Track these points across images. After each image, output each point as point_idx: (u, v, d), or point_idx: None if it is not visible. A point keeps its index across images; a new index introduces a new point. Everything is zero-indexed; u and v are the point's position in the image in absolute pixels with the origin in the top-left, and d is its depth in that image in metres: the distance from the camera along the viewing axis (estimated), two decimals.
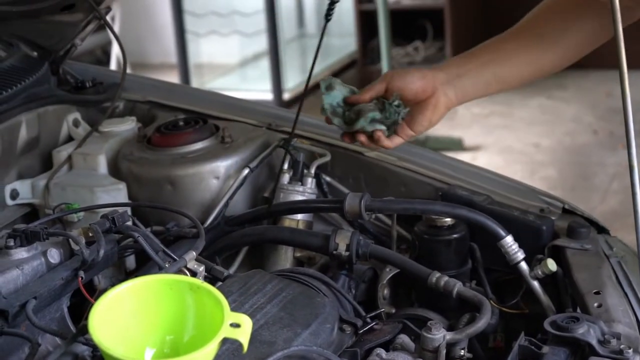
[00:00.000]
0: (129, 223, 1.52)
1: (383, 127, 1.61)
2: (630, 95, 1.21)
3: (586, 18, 1.64)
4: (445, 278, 1.50)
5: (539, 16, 1.70)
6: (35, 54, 2.01)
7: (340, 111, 1.65)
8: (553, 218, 1.64)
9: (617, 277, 1.48)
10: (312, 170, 1.82)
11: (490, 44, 1.69)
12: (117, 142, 1.91)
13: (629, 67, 1.22)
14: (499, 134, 5.89)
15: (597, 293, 1.42)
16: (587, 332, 1.27)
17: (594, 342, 1.26)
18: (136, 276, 1.33)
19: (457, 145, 5.61)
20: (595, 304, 1.39)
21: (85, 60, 2.38)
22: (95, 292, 1.60)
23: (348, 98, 1.65)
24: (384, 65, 5.93)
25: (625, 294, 1.43)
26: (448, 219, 1.62)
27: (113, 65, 6.92)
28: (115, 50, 7.06)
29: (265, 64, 6.72)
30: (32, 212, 1.84)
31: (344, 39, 7.49)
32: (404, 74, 1.63)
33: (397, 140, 1.64)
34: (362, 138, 1.63)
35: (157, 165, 1.80)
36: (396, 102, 1.61)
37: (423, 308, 1.58)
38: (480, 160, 5.38)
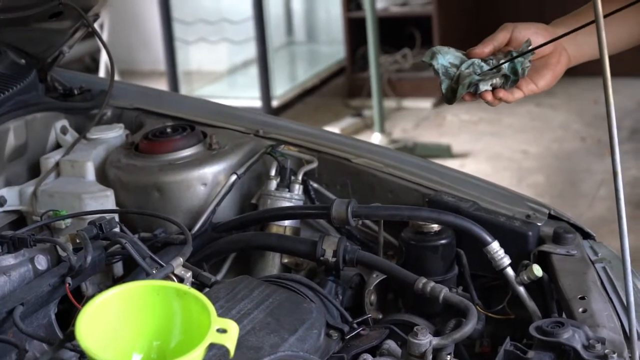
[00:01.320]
0: (117, 230, 1.53)
1: (488, 86, 1.51)
2: (615, 102, 1.22)
3: None
4: (432, 284, 1.50)
5: None
6: (23, 61, 2.01)
7: (453, 72, 1.54)
8: (539, 224, 1.65)
9: (602, 283, 1.49)
10: (300, 177, 1.82)
11: (579, 12, 1.63)
12: (104, 149, 1.91)
13: (613, 75, 1.23)
14: (487, 140, 5.91)
15: (582, 298, 1.42)
16: (572, 337, 1.28)
17: (578, 347, 1.27)
18: (123, 282, 1.33)
19: (446, 152, 5.62)
20: (580, 309, 1.39)
21: (73, 67, 2.39)
22: (83, 299, 1.60)
23: (469, 51, 1.55)
24: (373, 72, 5.94)
25: (610, 299, 1.44)
26: (435, 225, 1.63)
27: (102, 73, 6.91)
28: (104, 57, 7.05)
29: (253, 72, 6.73)
30: (19, 219, 1.84)
31: (332, 46, 7.51)
32: (527, 25, 1.56)
33: (517, 94, 1.54)
34: (468, 97, 1.53)
35: (144, 172, 1.80)
36: (526, 49, 1.51)
37: (410, 314, 1.59)
38: (468, 167, 5.39)
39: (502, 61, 1.52)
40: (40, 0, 1.84)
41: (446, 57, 1.54)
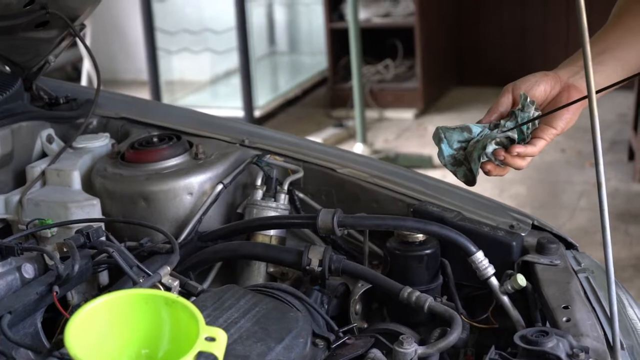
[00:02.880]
0: (103, 238, 1.53)
1: (494, 145, 1.48)
2: (598, 114, 1.23)
3: None
4: (417, 293, 1.51)
5: (627, 7, 1.63)
6: (8, 70, 2.01)
7: (461, 155, 1.54)
8: (522, 234, 1.66)
9: (585, 292, 1.50)
10: (285, 187, 1.83)
11: (598, 36, 1.61)
12: (90, 158, 1.92)
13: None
14: None
15: (566, 308, 1.44)
16: (556, 345, 1.29)
17: (562, 356, 1.28)
18: (110, 291, 1.33)
19: (427, 162, 5.65)
20: (564, 319, 1.41)
21: (55, 76, 2.38)
22: (69, 308, 1.60)
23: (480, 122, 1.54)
24: (355, 82, 5.96)
25: (593, 308, 1.45)
26: (419, 235, 1.64)
27: (84, 82, 6.91)
28: (86, 66, 7.04)
29: (236, 81, 6.74)
30: (5, 228, 1.83)
31: (315, 56, 7.54)
32: (525, 80, 1.55)
33: (540, 143, 1.52)
34: (489, 167, 1.51)
35: (130, 181, 1.81)
36: (526, 103, 1.50)
37: (395, 323, 1.60)
38: (450, 177, 5.40)
39: (507, 127, 1.51)
40: (26, 9, 1.84)
41: (452, 141, 1.53)
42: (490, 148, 1.49)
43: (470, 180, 1.54)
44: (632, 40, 1.57)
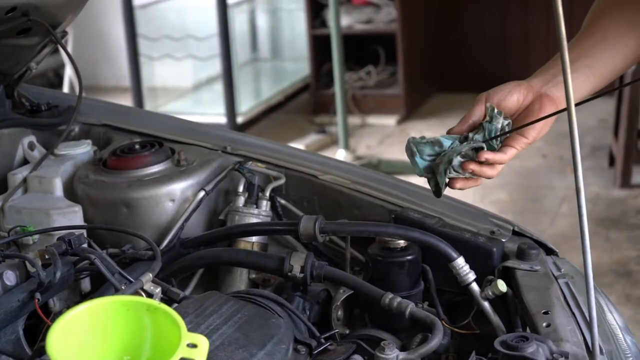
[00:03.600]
0: (85, 245, 1.53)
1: (460, 158, 1.48)
2: (577, 119, 1.24)
3: None
4: (398, 299, 1.52)
5: (601, 14, 1.63)
6: None
7: (434, 166, 1.53)
8: (503, 240, 1.67)
9: (565, 298, 1.51)
10: (267, 193, 1.83)
11: (572, 43, 1.60)
12: (72, 165, 1.92)
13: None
14: None
15: (546, 313, 1.45)
16: (536, 351, 1.30)
17: None
18: (92, 298, 1.34)
19: (410, 169, 5.65)
20: (544, 324, 1.42)
21: (37, 82, 2.38)
22: (50, 315, 1.60)
23: (449, 131, 1.54)
24: (337, 89, 5.97)
25: (573, 313, 1.46)
26: (401, 241, 1.65)
27: (66, 88, 6.89)
28: (68, 73, 7.03)
29: (218, 88, 6.74)
30: None
31: (297, 63, 7.54)
32: (498, 90, 1.54)
33: (510, 152, 1.50)
34: (459, 184, 1.51)
35: (113, 188, 1.81)
36: (493, 114, 1.50)
37: (376, 329, 1.60)
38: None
39: (475, 140, 1.51)
40: (8, 16, 1.84)
41: (424, 155, 1.53)
42: (456, 161, 1.48)
43: (436, 192, 1.52)
44: (605, 48, 1.58)
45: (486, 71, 6.94)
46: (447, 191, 1.67)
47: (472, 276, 1.58)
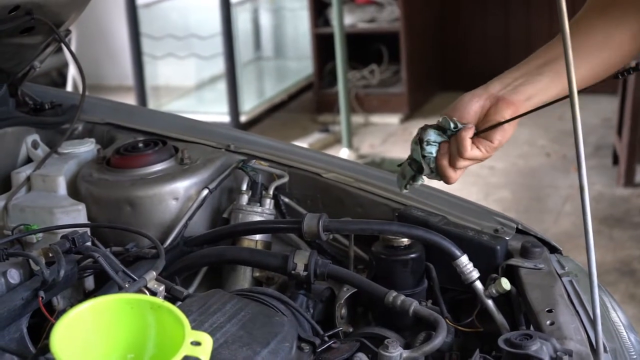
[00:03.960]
0: (89, 244, 1.53)
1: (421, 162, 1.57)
2: (580, 118, 1.24)
3: (630, 15, 1.58)
4: (402, 297, 1.52)
5: (583, 19, 1.64)
6: None
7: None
8: (507, 238, 1.67)
9: (568, 296, 1.51)
10: (271, 191, 1.83)
11: (543, 49, 1.62)
12: (76, 163, 1.92)
13: (578, 92, 1.25)
14: None
15: (550, 311, 1.44)
16: (540, 349, 1.29)
17: (546, 359, 1.29)
18: (96, 296, 1.34)
19: None
20: (548, 322, 1.41)
21: (40, 82, 2.38)
22: (54, 313, 1.60)
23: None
24: (340, 88, 5.98)
25: (577, 311, 1.46)
26: (404, 239, 1.65)
27: (69, 87, 6.90)
28: (72, 72, 7.03)
29: (222, 87, 6.74)
30: None
31: (300, 62, 7.55)
32: (456, 107, 1.56)
33: (475, 153, 1.56)
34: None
35: (116, 186, 1.81)
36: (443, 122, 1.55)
37: (380, 327, 1.60)
38: (434, 182, 5.42)
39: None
40: (11, 15, 1.84)
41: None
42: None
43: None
44: (575, 56, 1.58)
45: (489, 70, 6.92)
46: (450, 189, 1.68)
47: (475, 274, 1.58)
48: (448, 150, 1.55)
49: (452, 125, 1.53)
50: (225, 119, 6.46)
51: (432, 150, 1.56)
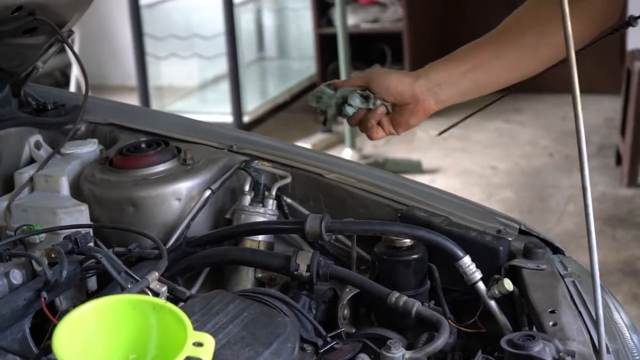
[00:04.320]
0: (91, 244, 1.53)
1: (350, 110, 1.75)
2: (583, 118, 1.24)
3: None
4: (404, 298, 1.52)
5: (517, 21, 1.73)
6: None
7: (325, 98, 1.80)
8: (509, 239, 1.67)
9: (571, 297, 1.51)
10: (273, 192, 1.83)
11: (470, 49, 1.72)
12: (79, 164, 1.92)
13: (581, 91, 1.25)
14: (457, 156, 5.95)
15: (552, 312, 1.44)
16: (542, 350, 1.29)
17: None
18: (98, 297, 1.34)
19: (416, 167, 5.66)
20: (551, 323, 1.41)
21: (43, 82, 2.38)
22: (57, 314, 1.60)
23: (331, 83, 1.80)
24: None
25: (580, 312, 1.46)
26: (407, 240, 1.64)
27: (72, 87, 6.91)
28: (75, 72, 7.04)
29: (225, 87, 6.74)
30: None
31: (303, 62, 7.55)
32: (385, 76, 1.71)
33: (380, 133, 1.76)
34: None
35: (119, 187, 1.81)
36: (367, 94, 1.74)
37: (382, 327, 1.60)
38: (438, 182, 5.43)
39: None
40: (14, 15, 1.84)
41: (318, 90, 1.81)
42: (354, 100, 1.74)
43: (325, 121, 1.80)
44: (498, 66, 1.71)
45: None
46: (453, 189, 1.69)
47: (478, 275, 1.58)
48: (363, 117, 1.73)
49: (377, 102, 1.72)
50: (228, 119, 6.46)
51: (350, 111, 1.74)
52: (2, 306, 1.36)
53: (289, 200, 1.88)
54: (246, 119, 6.63)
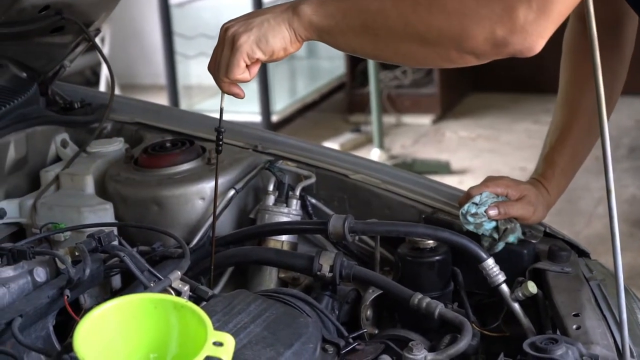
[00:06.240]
0: (115, 243, 1.53)
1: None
2: (614, 120, 1.23)
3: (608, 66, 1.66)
4: (427, 299, 1.51)
5: (580, 87, 1.79)
6: (24, 74, 2.03)
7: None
8: (534, 241, 1.66)
9: (596, 300, 1.50)
10: (297, 192, 1.83)
11: (560, 142, 1.89)
12: (104, 162, 1.93)
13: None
14: (486, 157, 5.92)
15: (576, 315, 1.43)
16: (565, 353, 1.29)
17: None
18: (121, 295, 1.34)
19: (445, 168, 5.64)
20: (574, 326, 1.40)
21: (74, 80, 2.40)
22: (81, 311, 1.61)
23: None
24: (372, 88, 5.96)
25: (604, 316, 1.45)
26: (430, 242, 1.64)
27: (102, 86, 6.95)
28: (105, 71, 7.08)
29: (253, 86, 6.74)
30: (19, 231, 1.85)
31: (333, 61, 7.53)
32: (498, 181, 1.75)
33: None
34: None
35: (143, 185, 1.81)
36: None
37: (405, 329, 1.60)
38: (467, 183, 5.39)
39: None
40: (42, 14, 1.85)
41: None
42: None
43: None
44: (586, 146, 1.95)
45: (521, 71, 6.89)
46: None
47: (502, 277, 1.57)
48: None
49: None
50: (257, 118, 6.46)
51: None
52: (25, 304, 1.37)
53: (313, 201, 1.87)
54: (275, 118, 6.63)
